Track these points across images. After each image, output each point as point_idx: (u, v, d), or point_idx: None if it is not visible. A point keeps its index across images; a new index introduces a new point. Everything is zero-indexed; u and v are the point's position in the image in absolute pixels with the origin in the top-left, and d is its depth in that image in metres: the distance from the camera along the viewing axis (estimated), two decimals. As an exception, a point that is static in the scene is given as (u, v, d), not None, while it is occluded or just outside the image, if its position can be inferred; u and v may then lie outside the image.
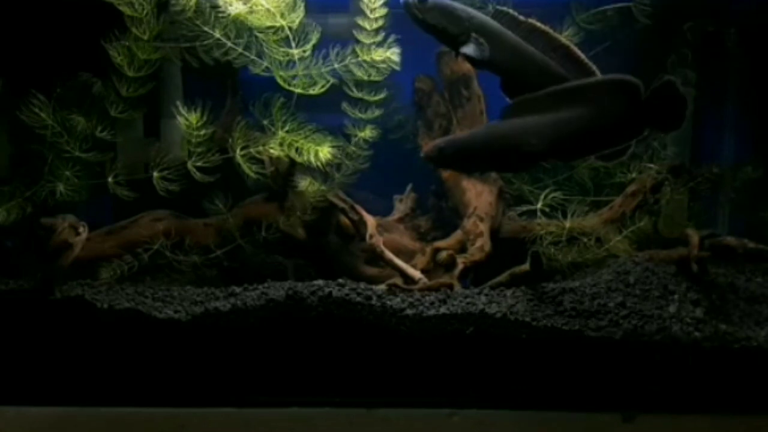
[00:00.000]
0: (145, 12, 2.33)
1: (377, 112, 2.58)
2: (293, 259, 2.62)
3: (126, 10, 2.32)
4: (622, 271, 2.35)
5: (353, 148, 2.58)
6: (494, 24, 2.14)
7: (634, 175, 2.67)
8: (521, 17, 2.16)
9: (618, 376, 2.09)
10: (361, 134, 2.58)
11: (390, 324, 2.13)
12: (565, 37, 2.27)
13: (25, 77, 2.44)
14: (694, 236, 2.35)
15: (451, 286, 2.36)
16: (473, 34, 2.11)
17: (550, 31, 2.18)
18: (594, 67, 2.17)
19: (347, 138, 2.59)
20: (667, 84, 2.08)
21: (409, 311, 2.15)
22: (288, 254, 2.62)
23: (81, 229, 2.36)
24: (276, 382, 2.11)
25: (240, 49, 2.39)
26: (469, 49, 2.11)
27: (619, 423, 2.05)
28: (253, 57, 2.40)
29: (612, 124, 2.12)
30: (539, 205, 2.52)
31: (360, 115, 2.58)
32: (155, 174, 2.40)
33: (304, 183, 2.54)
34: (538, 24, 2.17)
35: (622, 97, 2.10)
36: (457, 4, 2.17)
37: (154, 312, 2.17)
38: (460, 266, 2.50)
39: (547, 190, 2.53)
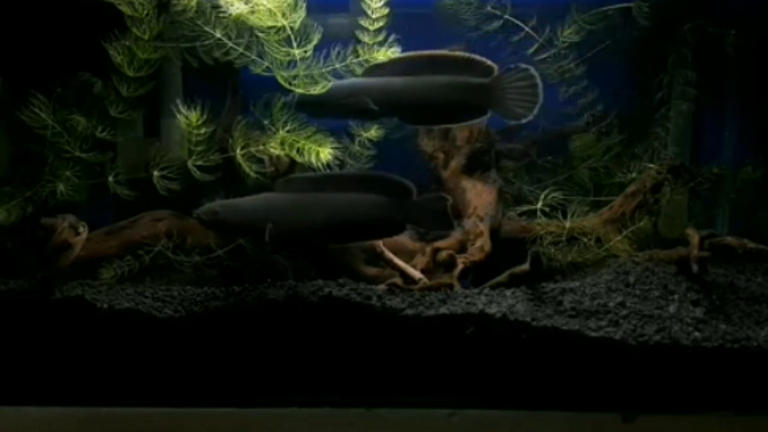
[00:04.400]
0: (145, 12, 2.33)
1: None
2: (293, 259, 2.62)
3: (126, 10, 2.32)
4: (622, 271, 2.35)
5: (357, 148, 2.58)
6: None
7: (634, 175, 2.67)
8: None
9: (618, 376, 2.09)
10: (366, 134, 2.59)
11: (389, 323, 2.13)
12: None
13: (25, 77, 2.43)
14: (694, 236, 2.35)
15: (451, 286, 2.36)
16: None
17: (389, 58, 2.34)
18: (458, 54, 2.34)
19: (351, 138, 2.59)
20: (437, 198, 2.32)
21: (408, 311, 2.15)
22: (288, 254, 2.61)
23: (81, 229, 2.36)
24: (276, 381, 2.11)
25: (241, 50, 2.39)
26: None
27: (619, 423, 2.06)
28: (254, 57, 2.40)
29: (373, 217, 2.29)
30: (539, 205, 2.52)
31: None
32: (155, 173, 2.40)
33: None
34: (373, 60, 2.34)
35: (385, 195, 2.28)
36: None
37: (154, 312, 2.17)
38: (460, 266, 2.50)
39: (547, 190, 2.53)
